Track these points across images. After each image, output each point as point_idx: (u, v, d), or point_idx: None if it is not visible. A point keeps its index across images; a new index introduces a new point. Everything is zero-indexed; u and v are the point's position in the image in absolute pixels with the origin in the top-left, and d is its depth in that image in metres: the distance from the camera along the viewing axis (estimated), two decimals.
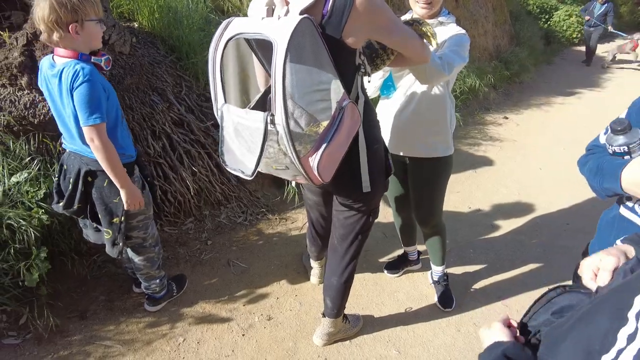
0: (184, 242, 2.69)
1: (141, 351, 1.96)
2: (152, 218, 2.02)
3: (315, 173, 1.28)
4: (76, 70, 1.52)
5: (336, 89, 1.25)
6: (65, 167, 1.81)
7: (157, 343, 2.01)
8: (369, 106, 1.50)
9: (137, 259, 2.02)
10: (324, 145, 1.25)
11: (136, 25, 3.03)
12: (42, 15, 1.47)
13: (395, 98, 1.92)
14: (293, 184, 3.03)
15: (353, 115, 1.32)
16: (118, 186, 1.72)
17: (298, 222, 3.01)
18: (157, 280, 2.13)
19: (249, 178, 1.36)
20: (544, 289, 2.57)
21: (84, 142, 1.66)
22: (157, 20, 2.99)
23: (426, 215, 2.12)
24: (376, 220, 1.73)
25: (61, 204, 1.82)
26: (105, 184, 1.77)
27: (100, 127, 1.58)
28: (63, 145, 1.83)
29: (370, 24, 1.26)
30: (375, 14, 1.25)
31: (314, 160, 1.26)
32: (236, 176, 3.05)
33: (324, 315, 1.96)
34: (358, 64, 1.38)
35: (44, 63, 1.65)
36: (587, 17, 9.69)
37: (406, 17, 1.80)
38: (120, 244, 1.87)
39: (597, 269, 0.74)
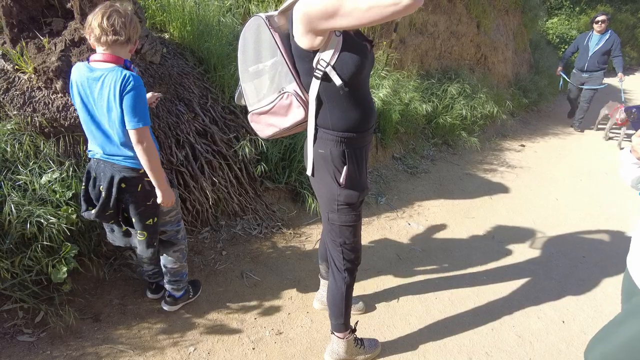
0: (199, 251, 2.71)
1: (152, 357, 1.97)
2: (181, 213, 2.13)
3: (250, 120, 1.70)
4: (126, 76, 1.62)
5: (285, 76, 1.53)
6: (94, 175, 1.85)
7: (168, 350, 2.02)
8: (336, 110, 1.51)
9: (170, 253, 2.10)
10: (256, 107, 1.64)
11: (167, 36, 3.11)
12: (124, 22, 1.65)
13: None
14: None
15: (291, 105, 1.54)
16: (156, 186, 1.81)
17: (312, 237, 3.02)
18: (184, 276, 2.20)
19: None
20: (559, 321, 2.51)
21: (125, 146, 1.74)
22: (188, 32, 3.08)
23: None
24: (390, 239, 1.73)
25: (94, 211, 1.86)
26: (139, 189, 1.83)
27: (147, 130, 1.70)
28: (90, 154, 1.87)
29: (307, 24, 1.37)
30: (307, 14, 1.34)
31: (251, 111, 1.68)
32: (254, 189, 3.10)
33: (332, 332, 1.96)
34: (316, 68, 1.44)
35: (80, 68, 1.72)
36: (560, 68, 6.75)
37: None
38: (155, 244, 1.96)
39: None
